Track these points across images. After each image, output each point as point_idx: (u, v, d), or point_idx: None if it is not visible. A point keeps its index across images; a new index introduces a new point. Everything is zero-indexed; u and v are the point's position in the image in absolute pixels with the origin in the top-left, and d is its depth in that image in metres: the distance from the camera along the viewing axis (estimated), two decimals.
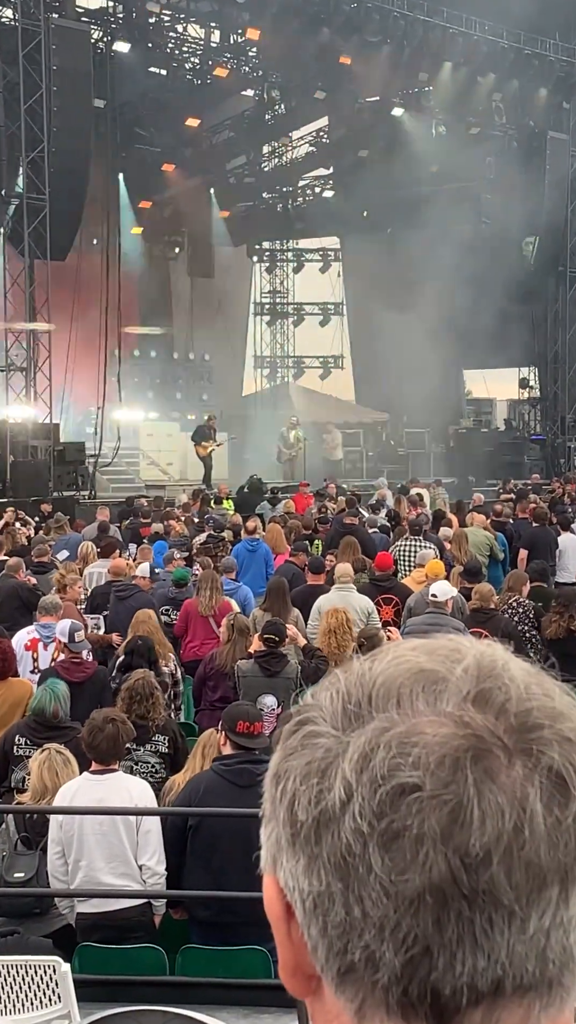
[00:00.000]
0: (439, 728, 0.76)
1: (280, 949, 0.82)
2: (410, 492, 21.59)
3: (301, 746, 0.80)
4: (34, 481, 22.89)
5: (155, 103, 32.07)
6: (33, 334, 25.20)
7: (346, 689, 0.81)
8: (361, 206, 36.73)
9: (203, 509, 21.04)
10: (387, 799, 0.75)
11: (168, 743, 7.59)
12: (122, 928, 6.09)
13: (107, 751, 6.23)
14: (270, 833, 0.81)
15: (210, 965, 5.85)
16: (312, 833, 0.77)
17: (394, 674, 0.80)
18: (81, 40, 25.19)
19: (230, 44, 32.82)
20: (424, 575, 11.87)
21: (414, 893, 0.74)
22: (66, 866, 6.13)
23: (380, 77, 31.39)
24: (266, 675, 8.77)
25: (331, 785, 0.77)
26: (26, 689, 8.73)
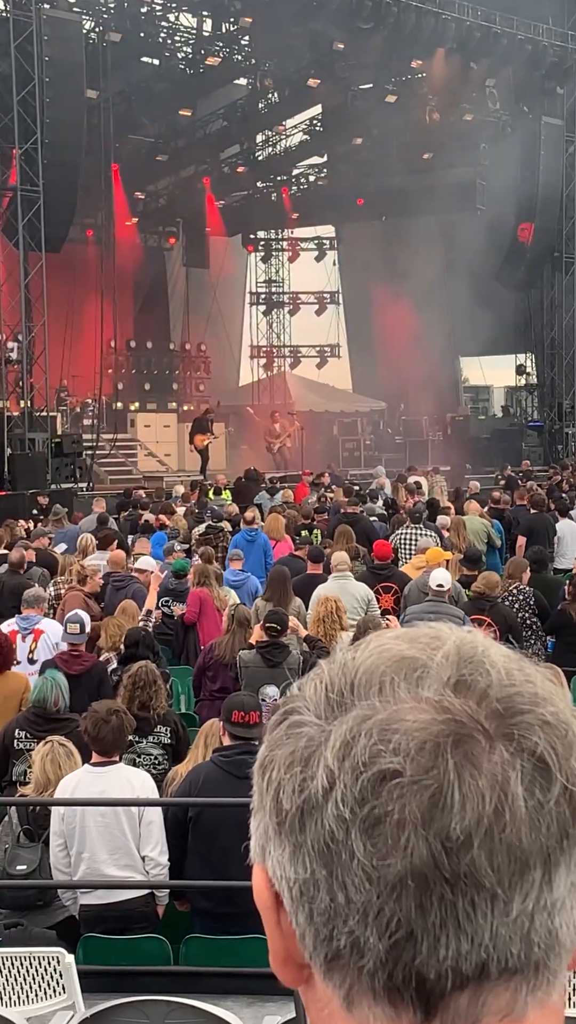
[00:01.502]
0: (420, 714, 0.77)
1: (270, 939, 0.82)
2: (408, 480, 21.61)
3: (286, 736, 0.81)
4: (32, 474, 22.88)
5: (148, 93, 31.97)
6: (29, 326, 25.16)
7: (329, 679, 0.82)
8: (355, 194, 36.66)
9: (201, 500, 21.04)
10: (368, 785, 0.75)
11: (170, 734, 7.60)
12: (125, 919, 6.11)
13: (112, 743, 6.25)
14: (258, 823, 0.82)
15: (213, 954, 5.87)
16: (296, 821, 0.78)
17: (376, 662, 0.81)
18: (73, 31, 25.11)
19: (222, 33, 32.73)
20: (424, 562, 11.87)
21: (396, 878, 0.74)
22: (69, 858, 6.15)
23: (373, 64, 31.31)
24: (268, 665, 8.78)
25: (314, 773, 0.78)
26: (22, 682, 8.75)
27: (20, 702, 8.39)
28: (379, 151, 34.77)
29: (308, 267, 41.78)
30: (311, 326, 41.84)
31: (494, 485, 23.83)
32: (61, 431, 26.81)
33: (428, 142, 34.11)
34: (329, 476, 25.04)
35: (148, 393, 34.97)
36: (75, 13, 26.97)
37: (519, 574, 11.50)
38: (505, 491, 20.89)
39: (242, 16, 30.40)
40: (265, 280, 42.48)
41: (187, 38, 32.94)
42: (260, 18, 29.35)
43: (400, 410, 36.88)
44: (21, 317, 25.15)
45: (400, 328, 34.92)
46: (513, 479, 23.91)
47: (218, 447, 33.17)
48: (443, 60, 31.03)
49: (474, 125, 33.39)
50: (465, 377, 40.43)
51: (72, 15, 26.25)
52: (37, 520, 18.77)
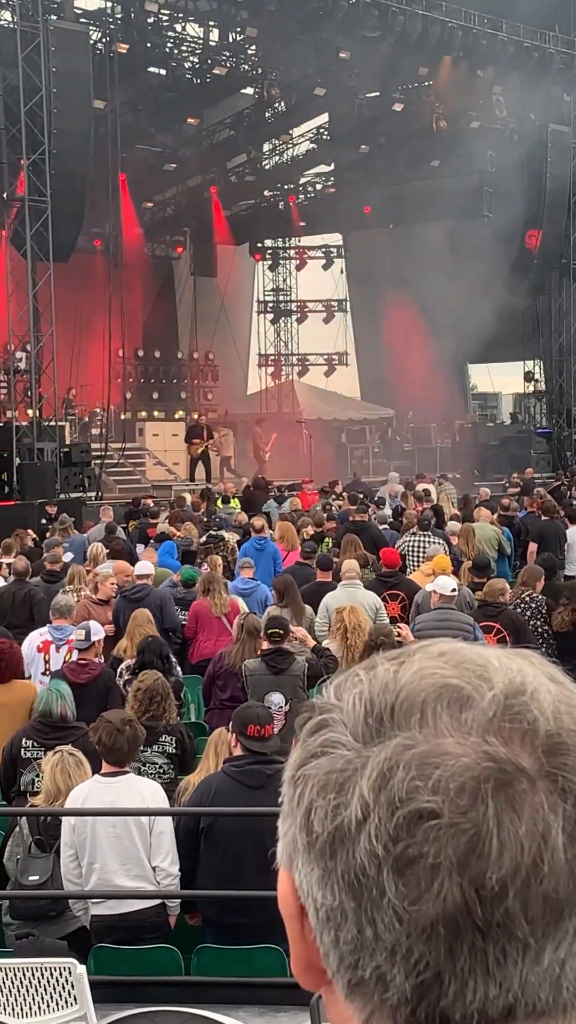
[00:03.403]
0: (461, 751, 0.74)
1: (293, 945, 0.81)
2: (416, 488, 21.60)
3: (320, 752, 0.79)
4: (41, 483, 22.90)
5: (155, 103, 32.05)
6: (37, 336, 25.21)
7: (369, 697, 0.79)
8: (363, 202, 36.70)
9: (210, 508, 21.05)
10: (404, 823, 0.73)
11: (175, 744, 7.59)
12: (137, 929, 6.10)
13: (127, 753, 6.25)
14: (287, 830, 0.80)
15: (225, 965, 5.85)
16: (327, 847, 0.76)
17: (419, 687, 0.78)
18: (80, 41, 25.18)
19: (229, 42, 32.81)
20: (432, 569, 11.86)
21: (427, 922, 0.73)
22: (80, 868, 6.14)
23: (380, 72, 31.34)
24: (273, 673, 8.76)
25: (348, 802, 0.75)
26: (30, 691, 8.74)
27: (29, 712, 8.39)
28: (386, 159, 34.81)
29: (315, 275, 41.83)
30: (319, 334, 41.87)
31: (503, 492, 23.80)
32: (69, 440, 26.85)
33: (435, 149, 34.13)
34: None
35: (156, 402, 35.01)
36: (82, 24, 27.04)
37: (533, 582, 11.45)
38: (519, 497, 20.88)
39: (248, 26, 30.46)
40: (273, 288, 42.53)
41: (194, 48, 33.03)
42: (266, 28, 29.42)
43: (408, 417, 36.87)
44: (29, 327, 25.21)
45: (408, 335, 34.93)
46: (529, 485, 23.91)
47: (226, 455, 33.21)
48: (449, 68, 31.07)
49: (481, 132, 33.41)
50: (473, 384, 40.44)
51: (79, 26, 26.33)
52: (46, 529, 18.78)
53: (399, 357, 35.60)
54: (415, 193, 34.08)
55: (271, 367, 42.41)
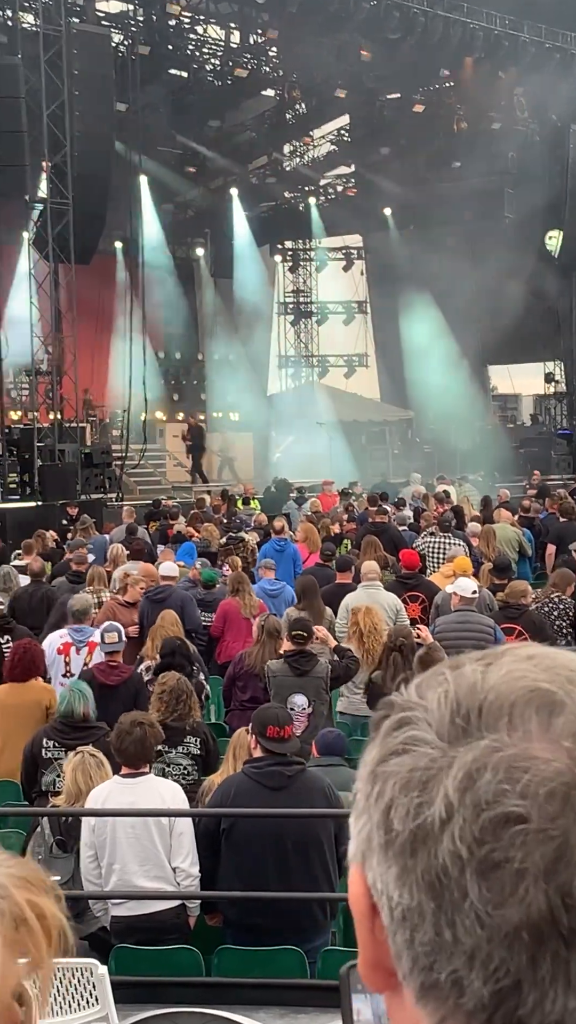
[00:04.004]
0: (551, 757, 0.73)
1: (362, 943, 0.80)
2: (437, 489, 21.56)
3: (403, 749, 0.77)
4: (62, 484, 22.98)
5: (176, 105, 32.12)
6: (58, 338, 25.30)
7: (456, 697, 0.78)
8: (383, 203, 36.67)
9: (230, 510, 21.07)
10: (490, 826, 0.72)
11: (200, 745, 7.60)
12: (157, 930, 6.11)
13: (135, 755, 6.24)
14: (361, 828, 0.79)
15: (245, 966, 5.86)
16: (408, 846, 0.75)
17: (508, 689, 0.77)
18: (102, 44, 25.28)
19: (250, 45, 32.87)
20: (452, 571, 11.83)
21: (510, 927, 0.71)
22: (99, 869, 6.16)
23: (401, 74, 31.33)
24: (296, 674, 8.76)
25: (432, 800, 0.74)
26: (46, 693, 8.76)
27: (46, 713, 8.41)
28: (407, 160, 34.79)
29: (336, 277, 41.80)
30: (339, 336, 41.84)
31: (523, 494, 23.74)
32: (90, 442, 26.93)
33: (456, 151, 34.08)
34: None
35: (177, 404, 35.06)
36: (104, 27, 27.15)
37: (564, 585, 11.38)
38: (536, 500, 20.83)
39: (270, 28, 30.50)
40: (293, 290, 42.53)
41: (215, 50, 33.08)
42: (287, 30, 29.45)
43: (428, 419, 36.81)
44: (51, 329, 25.30)
45: (428, 337, 34.88)
46: (545, 488, 23.84)
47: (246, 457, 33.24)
48: (471, 69, 31.03)
49: (502, 134, 33.34)
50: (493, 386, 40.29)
51: (101, 29, 26.43)
52: (67, 530, 18.85)
53: (419, 358, 35.55)
54: (436, 194, 34.02)
55: (291, 368, 42.39)
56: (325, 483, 24.91)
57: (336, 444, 31.49)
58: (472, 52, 30.24)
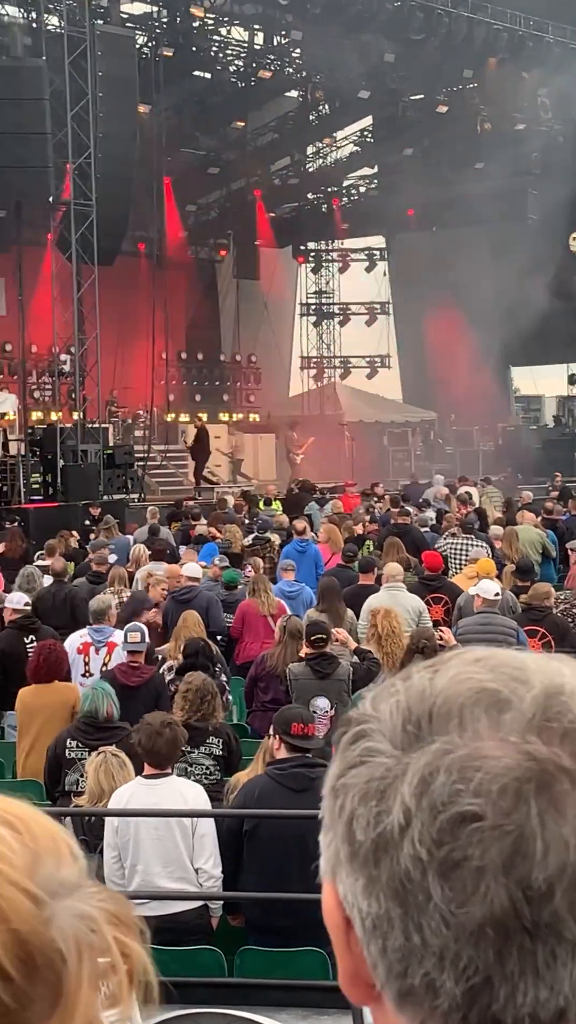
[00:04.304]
0: (502, 754, 0.74)
1: (339, 957, 0.81)
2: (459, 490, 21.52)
3: (360, 761, 0.79)
4: (84, 485, 23.04)
5: (200, 107, 32.19)
6: (81, 339, 25.38)
7: (407, 704, 0.79)
8: (406, 204, 36.63)
9: (252, 511, 21.08)
10: (447, 827, 0.73)
11: (222, 745, 7.61)
12: (180, 931, 6.12)
13: (166, 755, 6.26)
14: (329, 843, 0.80)
15: (268, 967, 5.86)
16: (371, 855, 0.76)
17: (456, 692, 0.78)
18: (126, 46, 25.36)
19: (274, 46, 32.89)
20: (476, 572, 11.80)
21: (475, 925, 0.72)
22: (122, 870, 6.17)
23: (424, 75, 31.29)
24: (318, 677, 8.76)
25: (390, 808, 0.75)
26: (72, 693, 8.78)
27: (71, 713, 8.43)
28: (430, 161, 34.74)
29: (358, 278, 41.78)
30: (361, 337, 41.81)
31: (546, 495, 23.67)
32: (113, 442, 27.00)
33: (479, 152, 34.01)
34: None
35: (199, 404, 35.13)
36: (128, 28, 27.23)
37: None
38: (559, 501, 20.77)
39: (293, 29, 30.51)
40: (315, 291, 42.54)
41: (239, 52, 33.13)
42: (311, 31, 29.45)
43: (451, 420, 36.75)
44: (74, 330, 25.38)
45: (451, 338, 34.83)
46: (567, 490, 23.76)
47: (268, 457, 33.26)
48: (495, 70, 30.95)
49: (526, 134, 33.27)
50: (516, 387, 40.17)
51: (125, 30, 26.50)
52: (89, 531, 18.89)
53: (442, 359, 35.50)
54: (459, 195, 33.94)
55: (313, 369, 42.41)
56: (347, 484, 24.92)
57: (358, 445, 31.47)
58: (496, 52, 30.19)
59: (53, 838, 0.82)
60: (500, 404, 36.60)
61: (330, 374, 42.16)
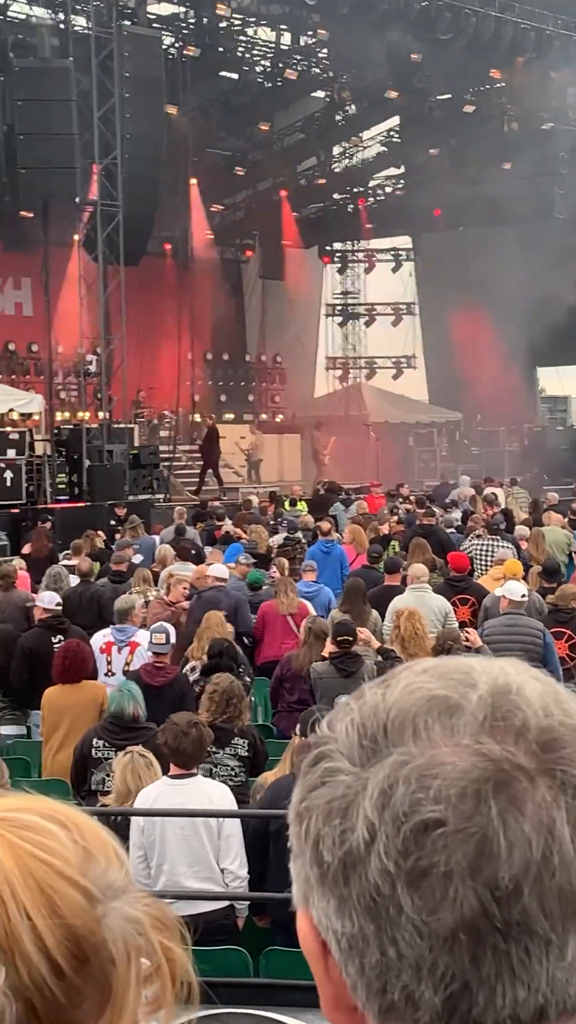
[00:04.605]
0: (457, 759, 0.75)
1: (320, 985, 0.81)
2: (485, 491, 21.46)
3: (320, 783, 0.79)
4: (110, 485, 23.10)
5: (226, 107, 32.23)
6: (108, 339, 25.45)
7: (361, 721, 0.80)
8: (433, 204, 36.56)
9: (277, 511, 21.09)
10: (411, 836, 0.74)
11: (248, 746, 7.62)
12: (205, 931, 6.12)
13: (192, 755, 6.27)
14: (299, 869, 0.81)
15: (293, 967, 5.85)
16: (340, 874, 0.76)
17: (407, 704, 0.79)
18: (153, 47, 25.41)
19: (300, 46, 32.90)
20: (502, 574, 11.77)
21: (447, 931, 0.73)
22: (148, 870, 6.18)
23: (451, 74, 31.22)
24: (342, 676, 8.76)
25: (354, 825, 0.76)
26: (99, 692, 8.82)
27: (99, 712, 8.46)
28: (457, 161, 34.66)
29: (384, 278, 41.72)
30: (387, 337, 41.75)
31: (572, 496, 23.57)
32: (138, 443, 27.06)
33: (506, 151, 33.91)
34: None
35: (224, 405, 35.17)
36: (155, 29, 27.27)
37: None
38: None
39: (320, 29, 30.51)
40: (341, 291, 42.51)
41: (265, 52, 33.15)
42: (338, 31, 29.43)
43: (476, 421, 36.65)
44: (100, 330, 25.46)
45: (477, 338, 34.73)
46: None
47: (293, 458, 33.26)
48: (522, 69, 30.85)
49: (553, 134, 33.12)
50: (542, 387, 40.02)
51: (152, 31, 26.55)
52: (115, 531, 18.94)
53: (468, 360, 35.40)
54: (486, 195, 33.84)
55: (339, 370, 42.38)
56: (372, 485, 24.89)
57: (384, 446, 31.43)
58: (523, 52, 30.08)
59: (102, 840, 0.83)
60: (526, 405, 36.47)
61: (355, 374, 42.12)
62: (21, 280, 31.62)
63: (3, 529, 20.05)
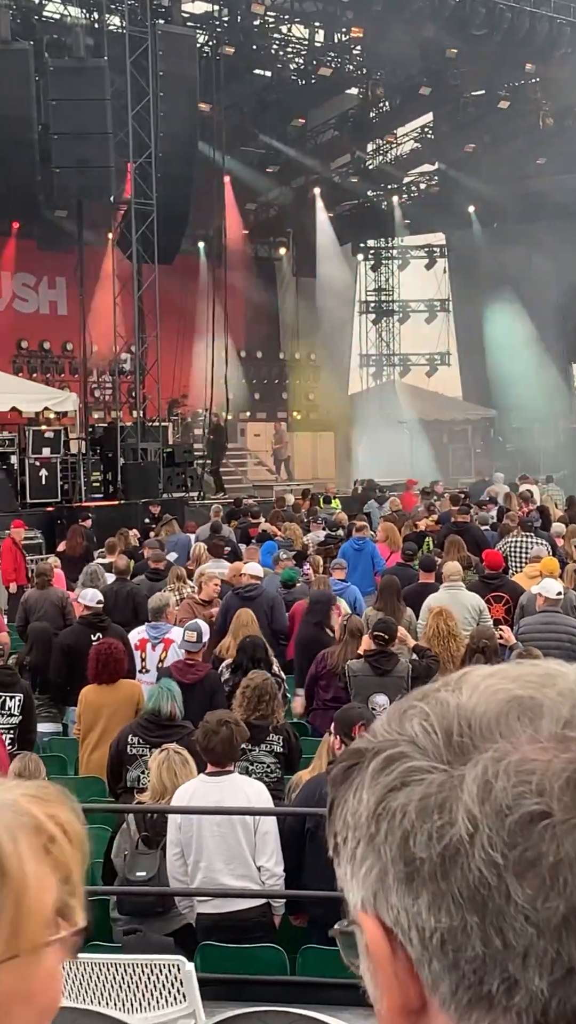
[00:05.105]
0: (550, 756, 0.77)
1: (385, 990, 0.80)
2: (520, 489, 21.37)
3: (401, 783, 0.79)
4: (144, 483, 23.18)
5: (260, 105, 32.22)
6: (142, 337, 25.52)
7: (442, 722, 0.81)
8: (467, 201, 36.43)
9: (312, 508, 21.09)
10: (516, 828, 0.75)
11: (283, 743, 7.62)
12: (242, 928, 6.14)
13: (222, 753, 6.28)
14: (367, 871, 0.80)
15: (330, 965, 5.85)
16: (438, 868, 0.77)
17: (490, 704, 0.80)
18: (187, 45, 25.44)
19: (334, 43, 32.84)
20: (538, 571, 11.72)
21: (559, 919, 0.74)
22: (185, 867, 6.20)
23: (486, 70, 31.08)
24: (377, 674, 8.75)
25: (454, 820, 0.77)
26: (135, 690, 8.85)
27: (136, 710, 8.49)
28: (491, 158, 34.50)
29: (418, 275, 41.61)
30: (421, 334, 41.64)
31: None
32: (172, 441, 27.12)
33: (541, 147, 33.73)
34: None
35: (258, 403, 35.19)
36: (189, 28, 27.30)
37: None
38: None
39: (354, 26, 30.44)
40: (375, 289, 42.42)
41: (299, 49, 33.11)
42: (372, 28, 29.37)
43: (511, 418, 36.50)
44: (134, 328, 25.53)
45: (511, 335, 34.58)
46: None
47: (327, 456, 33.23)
48: (558, 64, 30.65)
49: None
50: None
51: (186, 30, 26.59)
52: (149, 529, 19.00)
53: (503, 357, 35.27)
54: (521, 191, 33.70)
55: (373, 367, 42.31)
56: (410, 482, 24.86)
57: (418, 443, 31.36)
58: (559, 47, 29.89)
59: None
60: (561, 401, 36.27)
61: (389, 372, 42.04)
62: (56, 279, 31.76)
63: (38, 527, 20.16)
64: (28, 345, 30.63)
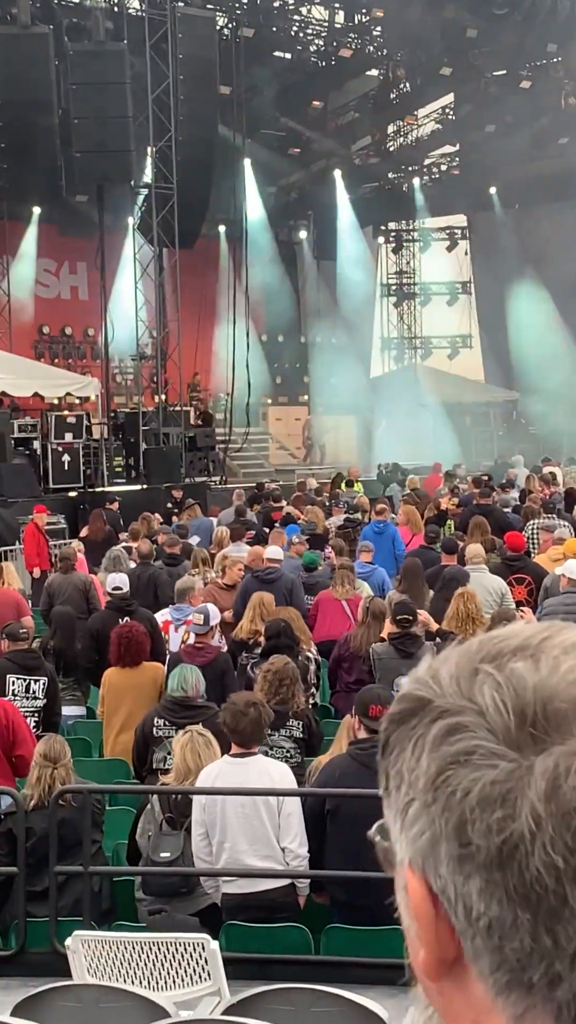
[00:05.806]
0: None
1: (426, 944, 0.79)
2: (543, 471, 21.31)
3: (466, 760, 0.76)
4: (166, 468, 23.22)
5: (280, 87, 32.11)
6: (163, 322, 25.54)
7: (517, 702, 0.76)
8: (488, 182, 36.24)
9: (334, 492, 21.09)
10: None
11: (303, 728, 7.64)
12: (267, 908, 6.18)
13: (251, 735, 6.31)
14: (418, 833, 0.78)
15: (354, 945, 5.89)
16: (495, 860, 0.74)
17: (570, 691, 0.76)
18: (206, 28, 25.39)
19: (354, 24, 32.68)
20: (561, 553, 11.69)
21: None
22: (210, 847, 6.24)
23: (507, 50, 30.88)
24: (402, 656, 8.75)
25: (516, 814, 0.73)
26: (158, 672, 8.90)
27: (159, 692, 8.54)
28: (513, 138, 34.30)
29: (440, 257, 41.43)
30: (442, 317, 41.49)
31: None
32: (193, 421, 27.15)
33: (563, 127, 33.51)
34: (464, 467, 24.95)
35: (279, 387, 35.16)
36: (208, 10, 27.23)
37: None
38: None
39: (374, 7, 30.28)
40: (396, 271, 42.28)
41: (319, 31, 32.98)
42: (392, 8, 29.21)
43: (533, 400, 36.35)
44: (156, 313, 25.55)
45: (533, 317, 34.42)
46: None
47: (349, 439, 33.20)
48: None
49: None
50: None
51: (205, 12, 26.52)
52: (172, 513, 19.04)
53: (525, 339, 35.11)
54: (543, 172, 33.49)
55: (394, 350, 42.18)
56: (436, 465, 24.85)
57: (440, 426, 31.29)
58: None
59: None
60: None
61: (411, 355, 41.92)
62: (77, 264, 31.79)
63: (61, 512, 20.24)
64: (50, 331, 30.70)
